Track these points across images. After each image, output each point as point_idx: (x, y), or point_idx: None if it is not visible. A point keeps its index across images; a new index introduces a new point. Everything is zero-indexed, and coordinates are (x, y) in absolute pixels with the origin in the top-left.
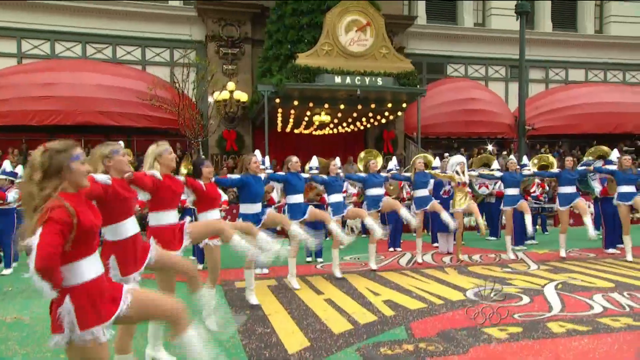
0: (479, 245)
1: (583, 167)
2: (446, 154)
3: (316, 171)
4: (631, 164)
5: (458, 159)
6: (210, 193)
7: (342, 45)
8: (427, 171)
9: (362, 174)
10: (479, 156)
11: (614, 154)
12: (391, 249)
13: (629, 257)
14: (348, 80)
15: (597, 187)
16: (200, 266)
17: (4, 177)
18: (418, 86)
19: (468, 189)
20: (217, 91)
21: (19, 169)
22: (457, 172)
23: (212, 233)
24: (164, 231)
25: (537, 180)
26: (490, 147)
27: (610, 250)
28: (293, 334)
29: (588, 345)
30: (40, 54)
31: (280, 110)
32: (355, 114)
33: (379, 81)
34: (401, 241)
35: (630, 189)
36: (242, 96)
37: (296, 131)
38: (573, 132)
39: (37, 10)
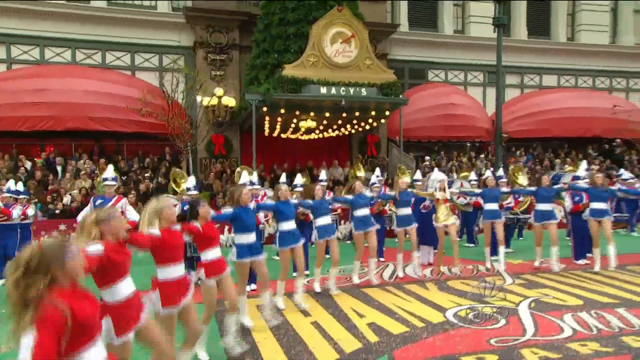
0: (459, 254)
1: (559, 186)
2: (427, 157)
3: (300, 189)
4: (603, 180)
5: (439, 176)
6: (208, 233)
7: (327, 56)
8: (409, 190)
9: (349, 196)
10: (461, 174)
11: (582, 168)
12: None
13: (597, 268)
14: (333, 90)
15: (568, 203)
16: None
17: (8, 195)
18: (401, 96)
19: (449, 203)
20: (206, 97)
21: (20, 186)
22: (437, 189)
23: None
24: (168, 285)
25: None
26: (464, 160)
27: (580, 262)
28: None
29: None
30: (30, 59)
31: (267, 117)
32: (340, 121)
33: (363, 91)
34: (384, 248)
35: (601, 205)
36: (230, 102)
37: (283, 136)
38: (546, 136)
39: (27, 16)
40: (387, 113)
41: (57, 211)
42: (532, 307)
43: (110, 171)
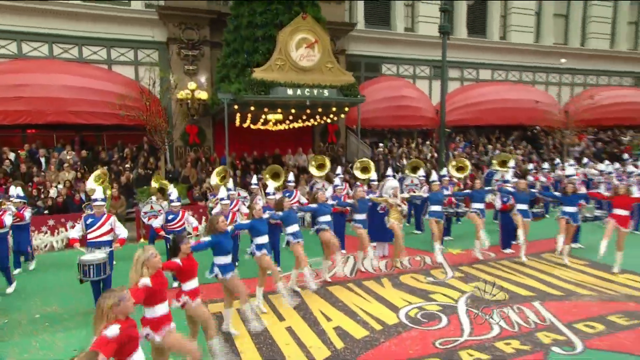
0: (408, 244)
1: (489, 188)
2: (380, 144)
3: (273, 196)
4: (525, 186)
5: (392, 184)
6: (188, 266)
7: (293, 60)
8: (367, 197)
9: (314, 205)
10: (410, 161)
11: (509, 172)
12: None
13: (523, 259)
14: (299, 92)
15: (498, 203)
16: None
17: (18, 200)
18: (358, 96)
19: (403, 207)
20: (181, 91)
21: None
22: (391, 196)
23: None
24: (157, 321)
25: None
26: (412, 146)
27: (507, 251)
28: None
29: None
30: (7, 53)
31: (238, 113)
32: (304, 116)
33: (326, 92)
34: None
35: (525, 206)
36: (203, 95)
37: (253, 127)
38: (481, 124)
39: (4, 11)
40: (347, 109)
41: (45, 211)
42: (468, 304)
43: (99, 192)
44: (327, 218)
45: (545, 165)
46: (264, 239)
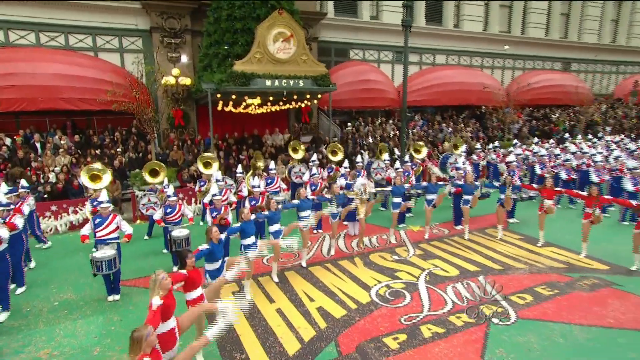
0: (374, 221)
1: (442, 183)
2: (349, 124)
3: (259, 188)
4: (472, 178)
5: (362, 181)
6: (193, 278)
7: (270, 53)
8: (342, 192)
9: (296, 201)
10: (379, 145)
11: (461, 159)
12: (314, 232)
13: (466, 237)
14: (276, 83)
15: (452, 189)
16: (175, 268)
17: (23, 190)
18: (330, 85)
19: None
20: (165, 77)
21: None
22: (362, 192)
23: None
24: (164, 336)
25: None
26: (377, 124)
27: (458, 227)
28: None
29: (445, 350)
30: None
31: (220, 100)
32: (281, 102)
33: (301, 83)
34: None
35: (469, 197)
36: (186, 80)
37: (234, 110)
38: (436, 104)
39: None
40: (319, 96)
41: (45, 195)
42: (427, 280)
43: (104, 195)
44: (308, 212)
45: (496, 143)
46: (251, 240)
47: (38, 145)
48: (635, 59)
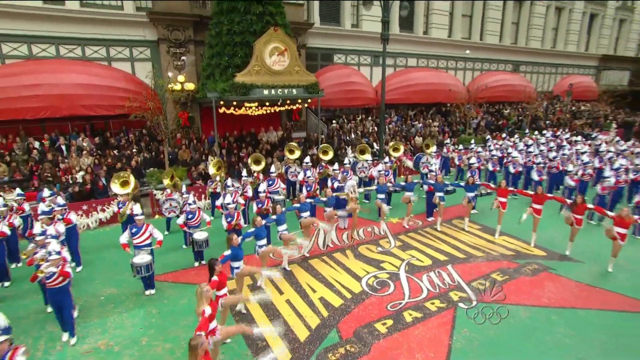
0: (361, 214)
1: (417, 182)
2: (334, 121)
3: (263, 193)
4: (442, 179)
5: (352, 183)
6: (222, 280)
7: (267, 66)
8: (334, 194)
9: (297, 205)
10: (358, 146)
11: (432, 161)
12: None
13: (439, 228)
14: (273, 92)
15: (425, 188)
16: (196, 264)
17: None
18: (319, 92)
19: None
20: (172, 83)
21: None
22: (351, 192)
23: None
24: (212, 331)
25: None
26: (357, 120)
27: (430, 219)
28: (279, 345)
29: (423, 332)
30: (20, 54)
31: (223, 106)
32: (276, 106)
33: (294, 91)
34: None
35: (440, 194)
36: (190, 86)
37: (235, 113)
38: (408, 102)
39: (17, 17)
40: (309, 101)
41: (73, 197)
42: (407, 270)
43: (137, 208)
44: (307, 214)
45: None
46: (263, 242)
47: (63, 147)
48: (570, 62)
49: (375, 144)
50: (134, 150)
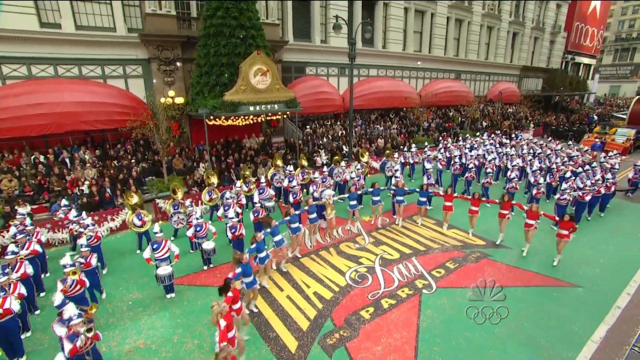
0: (338, 213)
1: (383, 188)
2: (307, 126)
3: (259, 205)
4: (403, 184)
5: (329, 192)
6: (236, 296)
7: (252, 85)
8: (314, 203)
9: (287, 217)
10: (334, 158)
11: (397, 166)
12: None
13: (400, 225)
14: (257, 108)
15: (390, 192)
16: (205, 267)
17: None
18: (298, 107)
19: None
20: (163, 98)
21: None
22: (328, 201)
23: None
24: (231, 339)
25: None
26: (328, 125)
27: (395, 217)
28: (286, 336)
29: (397, 316)
30: (19, 75)
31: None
32: (260, 118)
33: (276, 106)
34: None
35: (400, 198)
36: (180, 100)
37: (224, 124)
38: (371, 107)
39: (16, 41)
40: (288, 113)
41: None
42: (380, 264)
43: (156, 226)
44: (296, 224)
45: (413, 147)
46: (263, 254)
47: (67, 160)
48: (499, 71)
49: (344, 147)
50: (132, 160)
